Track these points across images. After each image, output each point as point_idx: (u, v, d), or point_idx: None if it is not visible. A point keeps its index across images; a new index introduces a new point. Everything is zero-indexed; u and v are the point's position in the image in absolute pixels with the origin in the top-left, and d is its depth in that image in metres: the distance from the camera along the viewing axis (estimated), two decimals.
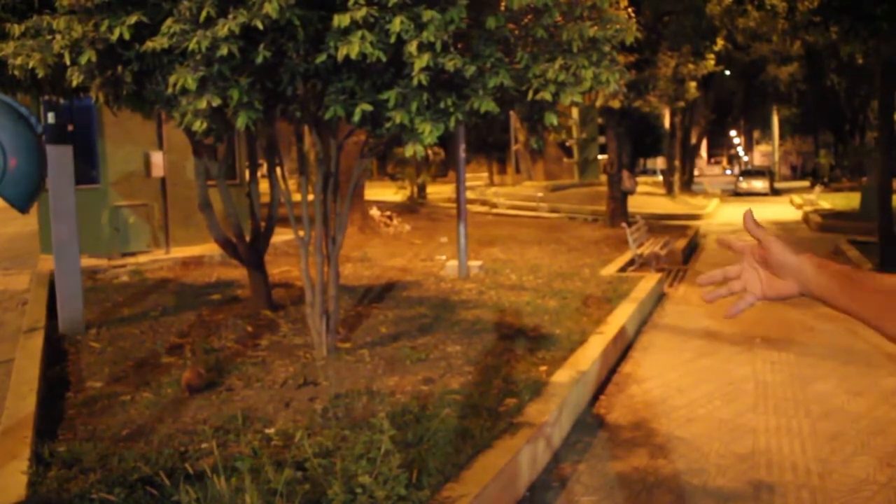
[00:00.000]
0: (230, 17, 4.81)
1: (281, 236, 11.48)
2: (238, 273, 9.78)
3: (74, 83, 5.62)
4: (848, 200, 26.36)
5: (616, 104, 16.50)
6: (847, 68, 29.39)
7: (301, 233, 6.59)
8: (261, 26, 4.80)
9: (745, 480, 4.76)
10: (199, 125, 5.14)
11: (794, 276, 1.24)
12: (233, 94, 5.02)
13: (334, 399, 5.35)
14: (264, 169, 8.82)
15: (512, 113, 6.75)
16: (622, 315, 8.22)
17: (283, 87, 5.59)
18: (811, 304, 10.27)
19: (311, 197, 6.59)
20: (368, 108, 5.24)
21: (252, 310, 8.22)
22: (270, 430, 4.74)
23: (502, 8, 5.40)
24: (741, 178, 44.03)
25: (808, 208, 26.80)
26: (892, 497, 4.50)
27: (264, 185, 8.63)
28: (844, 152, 43.53)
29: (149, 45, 5.05)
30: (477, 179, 38.88)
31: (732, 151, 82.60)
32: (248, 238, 8.30)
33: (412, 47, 4.89)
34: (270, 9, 4.71)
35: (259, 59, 5.04)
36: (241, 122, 5.18)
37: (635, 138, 23.35)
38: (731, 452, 5.17)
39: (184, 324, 7.81)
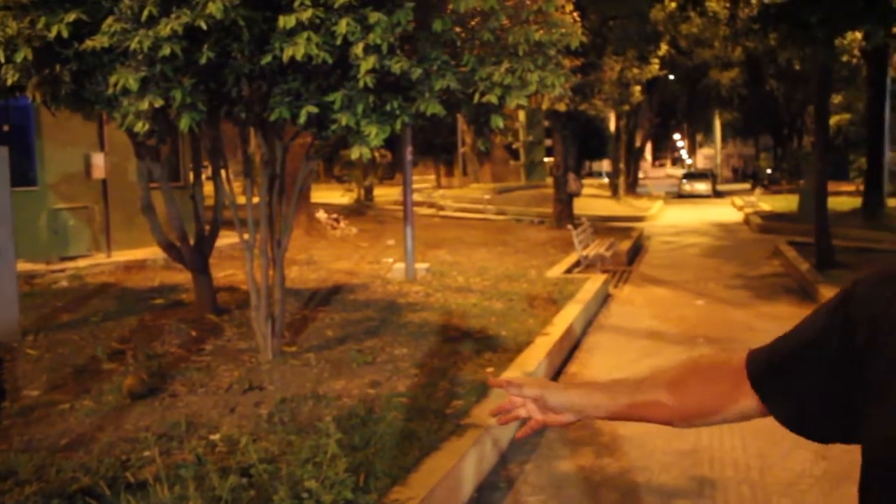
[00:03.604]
0: (173, 16, 4.75)
1: (226, 239, 11.34)
2: (182, 277, 9.63)
3: (9, 82, 5.48)
4: (787, 202, 27.00)
5: (562, 107, 16.62)
6: (785, 74, 30.23)
7: (246, 236, 6.52)
8: (205, 26, 4.74)
9: (688, 477, 4.84)
10: (140, 126, 5.06)
11: (570, 410, 1.35)
12: (176, 95, 4.95)
13: (280, 403, 5.30)
14: (209, 171, 8.70)
15: (459, 115, 6.78)
16: (568, 316, 8.30)
17: (227, 89, 5.53)
18: (753, 305, 10.45)
19: (256, 199, 6.52)
20: (314, 109, 5.22)
21: (196, 314, 8.09)
22: (215, 436, 4.68)
23: (449, 10, 5.42)
24: (685, 181, 44.74)
25: (748, 210, 27.37)
26: (827, 489, 4.62)
27: (209, 188, 8.51)
28: (783, 155, 44.68)
29: (88, 43, 4.96)
30: (424, 182, 38.88)
31: (676, 154, 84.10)
32: (192, 241, 8.18)
33: (358, 49, 4.88)
34: (214, 9, 4.66)
35: (203, 60, 4.98)
36: (184, 123, 5.11)
37: (581, 141, 23.62)
38: (675, 450, 5.25)
39: (126, 329, 7.66)
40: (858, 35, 14.61)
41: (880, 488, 0.90)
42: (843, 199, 24.66)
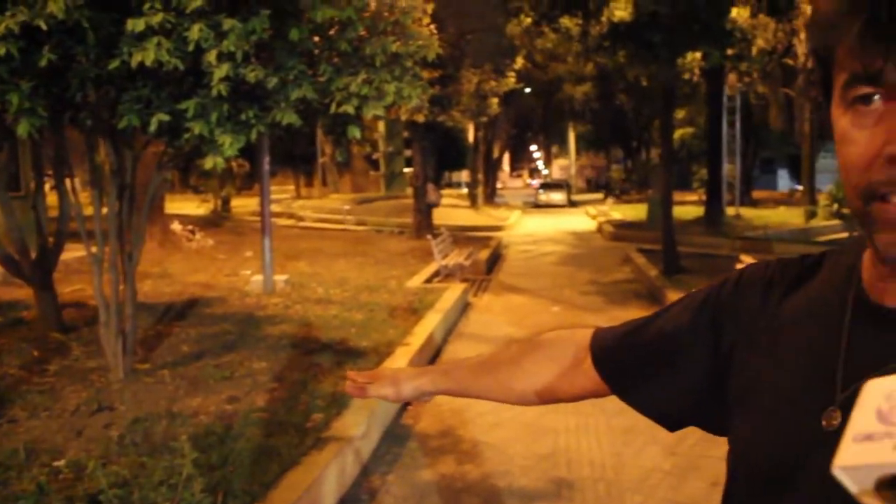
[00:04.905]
0: (8, 14, 4.47)
1: (73, 253, 10.76)
2: (23, 293, 9.06)
3: None
4: (636, 211, 28.26)
5: (420, 118, 16.82)
6: (633, 90, 31.65)
7: (94, 248, 6.21)
8: (44, 26, 4.49)
9: (547, 479, 4.97)
10: None
11: (422, 393, 1.35)
12: (12, 98, 4.67)
13: (132, 424, 5.07)
14: (54, 180, 8.23)
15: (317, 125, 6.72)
16: (428, 325, 8.36)
17: (71, 93, 5.26)
18: (605, 310, 10.84)
19: (106, 210, 6.22)
20: (165, 118, 5.04)
21: (39, 332, 7.63)
22: (60, 463, 4.41)
23: (306, 20, 5.37)
24: (541, 191, 45.99)
25: (601, 219, 28.44)
26: (675, 482, 4.86)
27: (53, 198, 8.05)
28: (633, 167, 46.77)
29: None
30: (283, 192, 38.33)
31: (533, 165, 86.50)
32: (33, 255, 7.71)
33: (211, 56, 4.76)
34: (55, 8, 4.42)
35: (43, 62, 4.71)
36: (22, 129, 4.82)
37: (440, 152, 23.93)
38: (534, 453, 5.38)
39: None
40: (698, 55, 15.50)
41: (739, 499, 0.92)
42: (688, 207, 26.06)
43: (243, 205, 26.44)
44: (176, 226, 16.51)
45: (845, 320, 0.85)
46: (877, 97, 0.73)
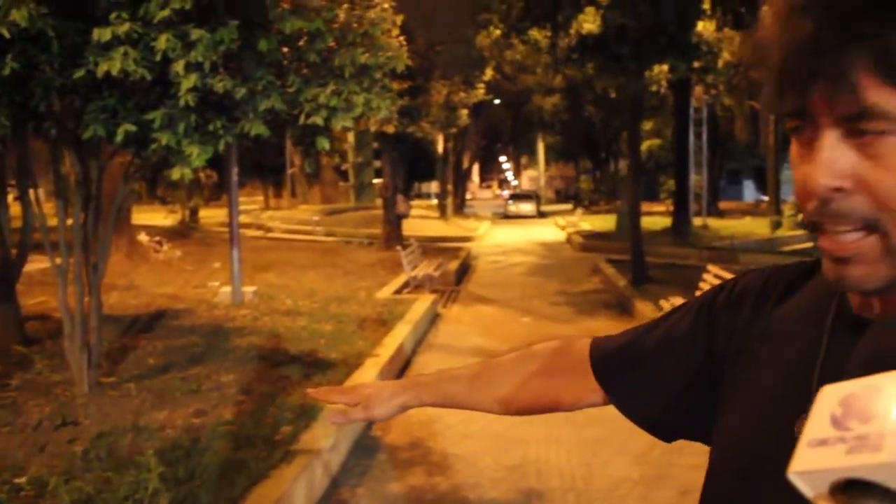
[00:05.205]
0: None
1: (37, 264, 10.60)
2: None
3: None
4: (605, 222, 28.43)
5: (390, 129, 16.81)
6: (602, 101, 31.94)
7: (58, 260, 6.12)
8: (7, 34, 4.43)
9: (517, 490, 4.97)
10: None
11: (406, 410, 1.33)
12: None
13: (96, 439, 4.99)
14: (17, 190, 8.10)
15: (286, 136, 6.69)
16: (398, 337, 8.34)
17: (35, 103, 5.19)
18: (575, 320, 10.85)
19: (70, 221, 6.14)
20: (132, 128, 4.99)
21: (1, 346, 7.50)
22: (21, 479, 4.32)
23: (275, 30, 5.35)
24: (510, 202, 46.14)
25: (570, 230, 28.58)
26: (644, 491, 4.89)
27: (17, 209, 7.93)
28: (602, 178, 47.10)
29: None
30: (252, 203, 38.10)
31: (502, 176, 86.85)
32: None
33: (179, 67, 4.73)
34: (18, 16, 4.37)
35: (6, 71, 4.65)
36: None
37: (410, 163, 23.95)
38: (504, 465, 5.38)
39: None
40: (665, 67, 15.69)
41: (715, 500, 0.93)
42: (656, 218, 26.27)
43: (211, 216, 26.25)
44: (143, 237, 16.34)
45: (826, 328, 0.86)
46: (805, 131, 0.75)
